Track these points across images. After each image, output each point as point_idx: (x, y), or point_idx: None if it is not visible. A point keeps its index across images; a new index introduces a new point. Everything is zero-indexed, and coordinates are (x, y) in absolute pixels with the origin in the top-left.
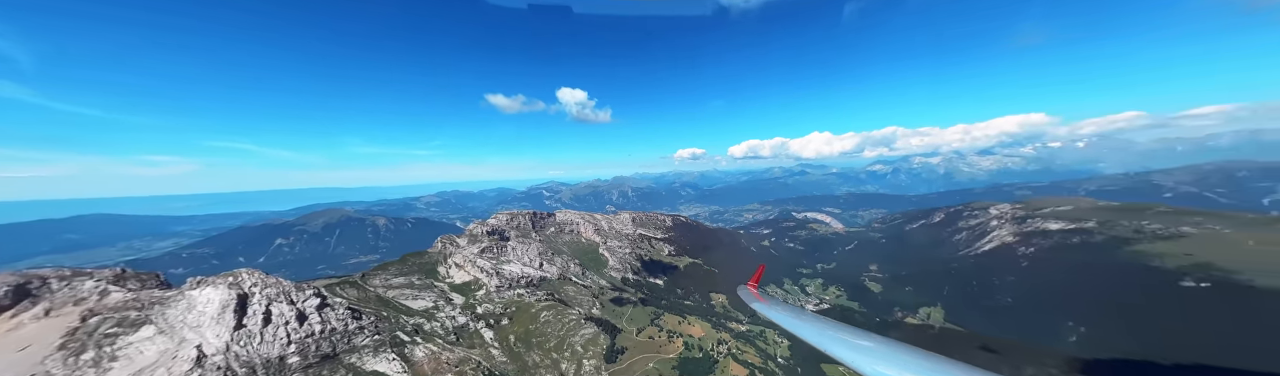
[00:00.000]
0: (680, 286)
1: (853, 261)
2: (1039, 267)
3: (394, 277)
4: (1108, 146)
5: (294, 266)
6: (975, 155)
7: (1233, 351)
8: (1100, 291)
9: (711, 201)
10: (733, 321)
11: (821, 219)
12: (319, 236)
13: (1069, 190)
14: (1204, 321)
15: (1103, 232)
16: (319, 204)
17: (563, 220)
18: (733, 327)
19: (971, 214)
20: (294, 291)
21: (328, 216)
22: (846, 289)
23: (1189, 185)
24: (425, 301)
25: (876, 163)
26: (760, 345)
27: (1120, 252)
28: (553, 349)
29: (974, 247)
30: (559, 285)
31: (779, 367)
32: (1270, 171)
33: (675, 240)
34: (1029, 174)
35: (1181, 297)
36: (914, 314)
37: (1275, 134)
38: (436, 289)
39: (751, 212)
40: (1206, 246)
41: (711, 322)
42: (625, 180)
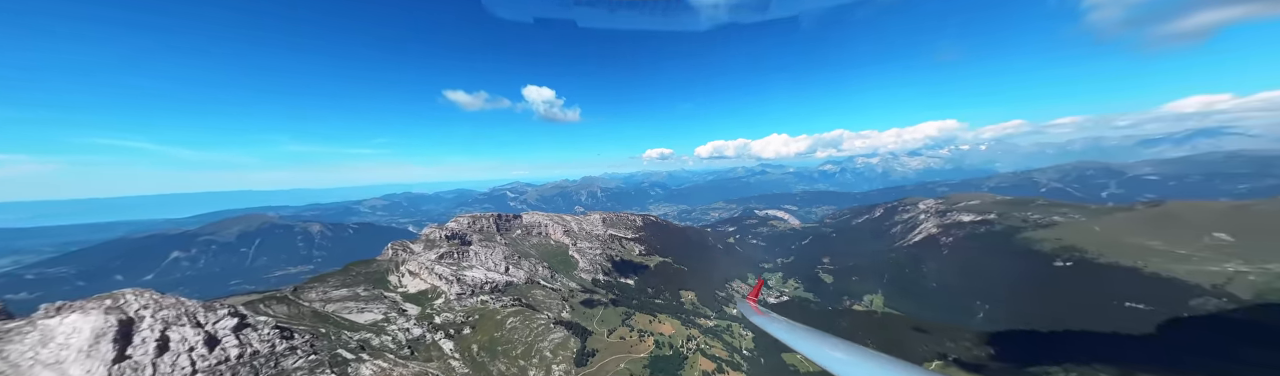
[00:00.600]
0: (651, 285)
1: (808, 255)
2: (955, 255)
3: (334, 289)
4: (1001, 149)
5: (197, 283)
6: (906, 156)
7: (1087, 316)
8: (998, 273)
9: (680, 200)
10: (701, 317)
11: (780, 216)
12: (232, 247)
13: (975, 186)
14: (1068, 294)
15: (1000, 223)
16: (231, 210)
17: (530, 222)
18: (701, 323)
19: (904, 209)
20: (201, 312)
21: (244, 223)
22: (803, 281)
23: (1056, 182)
24: (373, 314)
25: (827, 163)
26: (727, 339)
27: (1013, 239)
28: (520, 356)
29: (907, 239)
30: (526, 289)
31: (744, 359)
32: (1107, 170)
33: (646, 239)
34: (946, 173)
35: (1054, 275)
36: (860, 301)
37: (1111, 141)
38: (387, 300)
39: (717, 211)
40: (1070, 232)
41: (681, 319)
42: (594, 180)
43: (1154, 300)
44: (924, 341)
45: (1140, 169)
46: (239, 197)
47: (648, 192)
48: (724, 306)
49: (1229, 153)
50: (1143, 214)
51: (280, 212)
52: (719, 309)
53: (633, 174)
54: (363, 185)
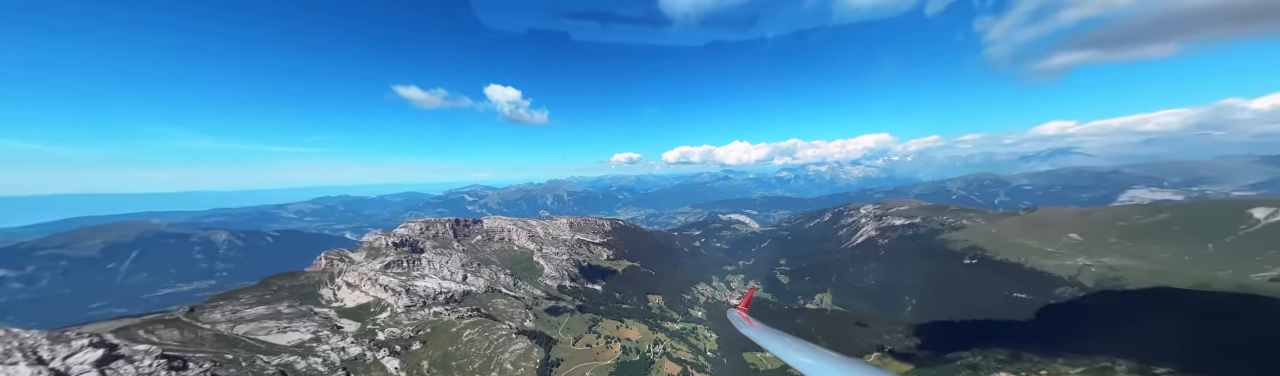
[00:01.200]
0: (619, 290)
1: (767, 257)
2: (890, 255)
3: (248, 307)
4: (922, 161)
5: (37, 309)
6: (850, 165)
7: (987, 306)
8: (922, 271)
9: (647, 205)
10: (668, 320)
11: (742, 220)
12: (93, 262)
13: (904, 193)
14: (974, 287)
15: (924, 226)
16: (94, 217)
17: (492, 227)
18: (668, 327)
19: (848, 213)
20: (46, 344)
21: (114, 233)
22: (763, 282)
23: (962, 190)
24: (300, 333)
25: (783, 170)
26: (692, 341)
27: (933, 240)
28: (478, 370)
29: (851, 241)
30: (486, 299)
31: (708, 361)
32: (997, 181)
33: (614, 244)
34: (881, 181)
35: (963, 271)
36: (812, 300)
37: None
38: (318, 316)
39: (684, 215)
40: (974, 234)
41: (648, 324)
42: (561, 184)
43: (1032, 290)
44: (865, 335)
45: (1020, 180)
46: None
47: (616, 197)
48: (690, 309)
49: (1076, 168)
50: (1023, 218)
51: (170, 219)
52: (685, 311)
53: (600, 178)
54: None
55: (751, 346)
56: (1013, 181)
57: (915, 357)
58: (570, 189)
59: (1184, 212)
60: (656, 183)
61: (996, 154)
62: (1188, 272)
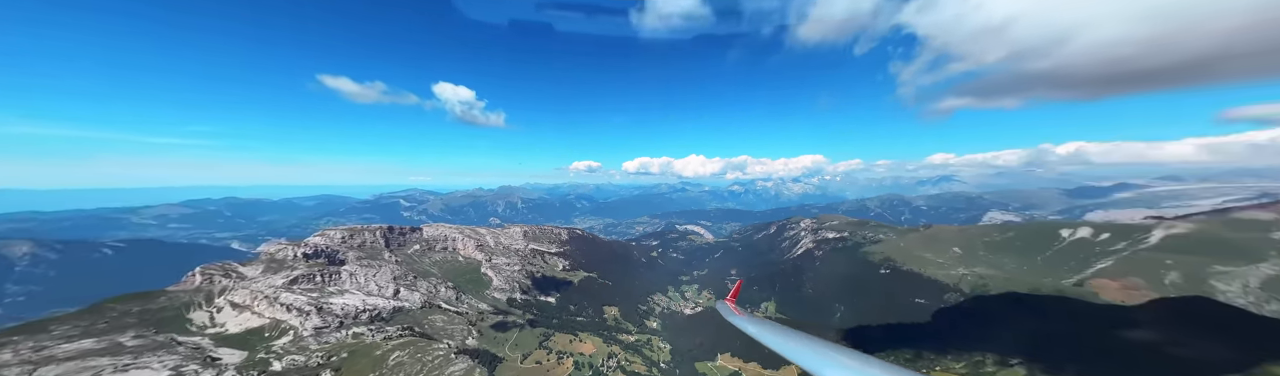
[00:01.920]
0: (574, 302)
1: (720, 267)
2: (824, 265)
3: (64, 342)
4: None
5: None
6: (791, 182)
7: (897, 311)
8: (849, 279)
9: (607, 214)
10: (623, 333)
11: (698, 230)
12: None
13: (835, 209)
14: (887, 294)
15: (851, 239)
16: None
17: (433, 235)
18: (623, 339)
19: (790, 227)
20: None
21: None
22: (715, 291)
23: (878, 208)
24: (152, 371)
25: (735, 184)
26: (647, 353)
27: (858, 252)
28: None
29: (792, 252)
30: (422, 315)
31: (661, 372)
32: (904, 201)
33: (571, 254)
34: (817, 197)
35: (880, 280)
36: (758, 308)
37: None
38: (184, 347)
39: (642, 225)
40: (888, 247)
41: (603, 337)
42: (514, 190)
43: (928, 296)
44: None
45: (918, 201)
46: None
47: (574, 205)
48: (645, 320)
49: (955, 193)
50: (922, 234)
51: None
52: (641, 323)
53: (558, 185)
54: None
55: (703, 355)
56: (913, 202)
57: None
58: (525, 196)
59: (1022, 232)
60: (616, 192)
61: (902, 178)
62: (1026, 280)
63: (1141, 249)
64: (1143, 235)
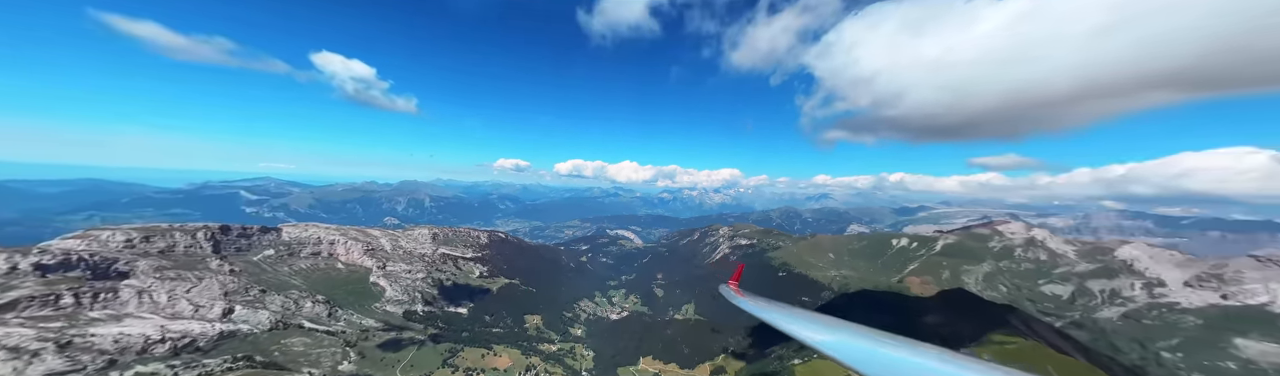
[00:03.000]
0: (491, 312)
1: (647, 272)
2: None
3: None
4: (757, 194)
5: None
6: (713, 192)
7: None
8: (757, 282)
9: (534, 216)
10: (545, 342)
11: (628, 236)
12: None
13: (746, 219)
14: (783, 295)
15: (758, 246)
16: None
17: (297, 238)
18: (544, 349)
19: (711, 233)
20: None
21: None
22: (642, 296)
23: (779, 219)
24: None
25: (664, 191)
26: (569, 362)
27: (764, 257)
28: None
29: (712, 257)
30: (272, 340)
31: None
32: (796, 213)
33: (490, 259)
34: (733, 207)
35: (778, 281)
36: (680, 311)
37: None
38: None
39: (572, 229)
40: (784, 253)
41: (522, 348)
42: (421, 186)
43: (811, 294)
44: (716, 339)
45: (806, 214)
46: None
47: (496, 206)
48: (569, 327)
49: (830, 209)
50: (810, 241)
51: None
52: (565, 331)
53: (478, 183)
54: None
55: (625, 360)
56: (803, 214)
57: (747, 356)
58: (435, 193)
59: (870, 241)
60: (546, 193)
61: (795, 193)
62: (873, 279)
63: (932, 254)
64: (932, 244)
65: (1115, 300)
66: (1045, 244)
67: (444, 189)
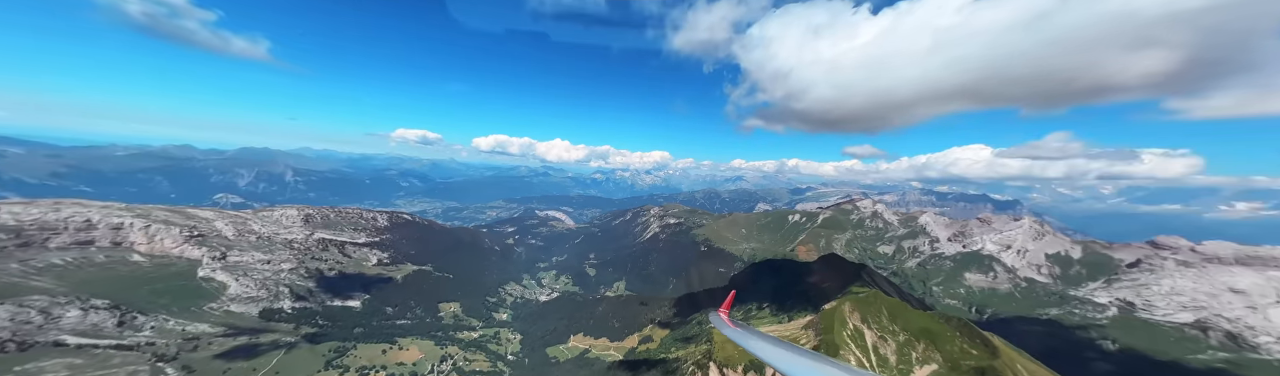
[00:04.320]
0: (393, 303)
1: (579, 252)
2: (666, 246)
3: None
4: (684, 176)
5: None
6: (645, 174)
7: (710, 280)
8: (681, 257)
9: (449, 196)
10: (464, 330)
11: (559, 216)
12: None
13: (674, 199)
14: (704, 267)
15: (685, 224)
16: None
17: (39, 220)
18: (463, 337)
19: (642, 214)
20: None
21: None
22: (573, 276)
23: (702, 199)
24: None
25: (597, 172)
26: (493, 347)
27: (689, 235)
28: None
29: (643, 236)
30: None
31: (508, 365)
32: (716, 194)
33: (393, 244)
34: (662, 188)
35: (701, 256)
36: (610, 288)
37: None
38: None
39: (496, 210)
40: (707, 230)
41: (435, 338)
42: (276, 156)
43: (727, 266)
44: (644, 311)
45: (725, 195)
46: None
47: (396, 183)
48: (494, 312)
49: (743, 190)
50: (727, 219)
51: None
52: (488, 316)
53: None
54: None
55: (555, 340)
56: (722, 195)
57: (671, 324)
58: (302, 165)
59: (772, 218)
60: (463, 171)
61: (716, 176)
62: (773, 249)
63: (814, 227)
64: (815, 218)
65: (915, 254)
66: (882, 215)
67: (317, 161)
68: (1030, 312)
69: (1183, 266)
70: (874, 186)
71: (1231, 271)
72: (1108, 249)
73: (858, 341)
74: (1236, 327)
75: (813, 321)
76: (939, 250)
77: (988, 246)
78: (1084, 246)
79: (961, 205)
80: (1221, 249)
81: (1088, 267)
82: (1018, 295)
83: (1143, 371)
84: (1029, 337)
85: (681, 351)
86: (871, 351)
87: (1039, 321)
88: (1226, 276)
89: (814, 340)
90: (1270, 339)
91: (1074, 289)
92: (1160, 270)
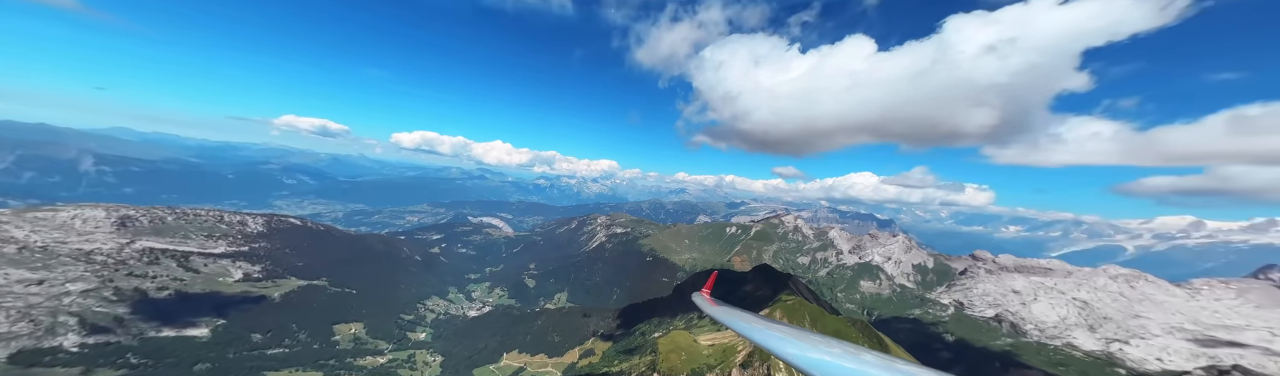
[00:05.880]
0: (266, 327)
1: (517, 262)
2: (613, 256)
3: None
4: (632, 186)
5: None
6: (592, 182)
7: (654, 290)
8: (626, 267)
9: (355, 198)
10: (368, 355)
11: (496, 224)
12: None
13: (621, 208)
14: (649, 277)
15: (631, 234)
16: None
17: None
18: (364, 364)
19: (589, 222)
20: None
21: None
22: (510, 288)
23: (648, 209)
24: None
25: (541, 178)
26: (404, 373)
27: (635, 245)
28: None
29: (589, 245)
30: None
31: None
32: (660, 205)
33: (269, 255)
34: (609, 197)
35: (646, 266)
36: (552, 300)
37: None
38: None
39: (418, 215)
40: (652, 240)
41: (325, 368)
42: (65, 136)
43: (670, 275)
44: (587, 324)
45: (669, 206)
46: None
47: (277, 180)
48: (409, 332)
49: (686, 202)
50: (672, 229)
51: None
52: (401, 337)
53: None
54: None
55: (485, 359)
56: (667, 206)
57: (614, 336)
58: (114, 151)
59: (712, 229)
60: (376, 169)
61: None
62: (713, 260)
63: (748, 239)
64: (749, 231)
65: (825, 264)
66: (802, 230)
67: (143, 147)
68: (902, 313)
69: (988, 273)
70: (794, 203)
71: (1013, 277)
72: (948, 260)
73: None
74: (1016, 319)
75: None
76: (843, 261)
77: (876, 258)
78: (934, 258)
79: (856, 222)
80: (1007, 260)
81: (937, 275)
82: (894, 299)
83: (968, 357)
84: (901, 334)
85: (625, 364)
86: None
87: (908, 320)
88: (1010, 281)
89: (749, 346)
90: (1032, 327)
91: (929, 292)
92: (977, 277)
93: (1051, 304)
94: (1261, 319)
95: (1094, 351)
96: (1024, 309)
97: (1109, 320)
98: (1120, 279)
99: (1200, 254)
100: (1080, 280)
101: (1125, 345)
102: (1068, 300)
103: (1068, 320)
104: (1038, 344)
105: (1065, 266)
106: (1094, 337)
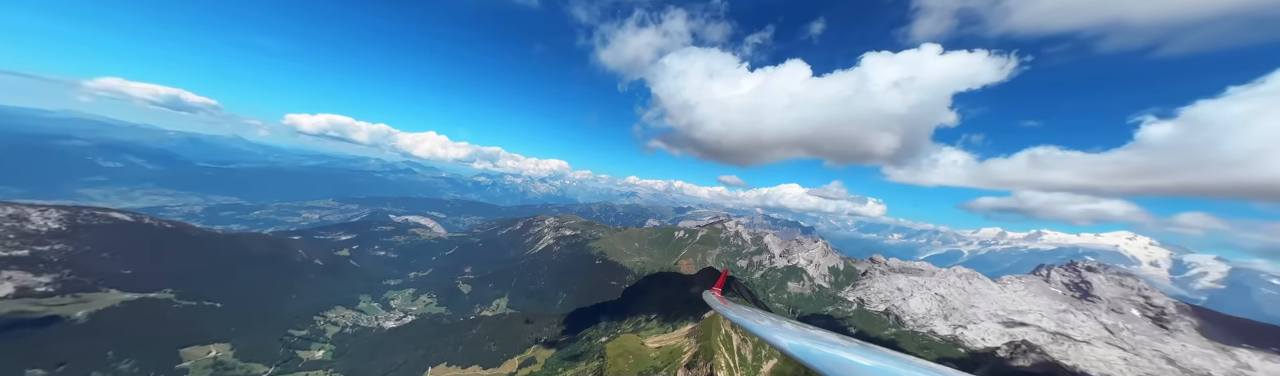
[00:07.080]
0: (57, 359)
1: (450, 266)
2: (561, 259)
3: None
4: (582, 187)
5: None
6: (539, 181)
7: (602, 293)
8: (574, 270)
9: (220, 189)
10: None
11: (425, 223)
12: None
13: (570, 210)
14: (596, 279)
15: (581, 237)
16: None
17: None
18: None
19: (535, 224)
20: None
21: None
22: (438, 294)
23: (599, 212)
24: None
25: (481, 174)
26: None
27: (585, 247)
28: None
29: (535, 248)
30: None
31: None
32: (612, 207)
33: (72, 260)
34: (558, 198)
35: (596, 269)
36: (490, 306)
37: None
38: None
39: (320, 211)
40: (603, 243)
41: None
42: None
43: (619, 278)
44: (529, 330)
45: (620, 209)
46: None
47: (89, 161)
48: (301, 350)
49: (636, 205)
50: (622, 232)
51: None
52: (289, 357)
53: (19, 110)
54: None
55: None
56: (617, 209)
57: (559, 343)
58: None
59: (661, 233)
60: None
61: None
62: (661, 263)
63: (694, 243)
64: (695, 235)
65: (760, 267)
66: (741, 235)
67: None
68: (819, 310)
69: (882, 274)
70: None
71: (898, 277)
72: (854, 263)
73: (727, 344)
74: (898, 312)
75: (694, 329)
76: (774, 264)
77: (801, 262)
78: (844, 261)
79: (785, 229)
80: (895, 263)
81: (845, 276)
82: (814, 298)
83: None
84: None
85: (570, 371)
86: (736, 352)
87: (823, 316)
88: (896, 280)
89: (695, 346)
90: (909, 318)
91: (839, 292)
92: (875, 277)
93: (922, 298)
94: (1038, 305)
95: (946, 336)
96: (904, 303)
97: (956, 310)
98: (963, 277)
99: (1003, 256)
100: (939, 278)
101: (965, 329)
102: (932, 295)
103: (931, 311)
104: (912, 332)
105: (931, 267)
106: (947, 324)
